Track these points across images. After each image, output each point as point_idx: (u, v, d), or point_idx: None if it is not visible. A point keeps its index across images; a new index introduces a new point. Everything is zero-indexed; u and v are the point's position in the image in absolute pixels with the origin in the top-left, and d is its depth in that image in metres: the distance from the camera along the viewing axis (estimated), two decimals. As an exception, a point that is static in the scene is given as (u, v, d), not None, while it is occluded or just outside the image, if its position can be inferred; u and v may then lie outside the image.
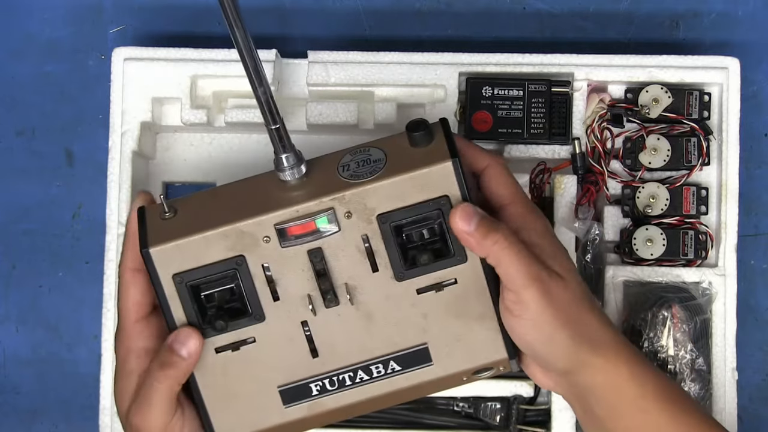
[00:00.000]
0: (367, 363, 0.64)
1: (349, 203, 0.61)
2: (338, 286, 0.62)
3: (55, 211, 0.85)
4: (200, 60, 0.79)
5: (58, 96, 0.85)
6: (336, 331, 0.63)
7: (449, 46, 0.80)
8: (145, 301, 0.63)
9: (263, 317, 0.63)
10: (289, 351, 0.63)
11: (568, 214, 0.78)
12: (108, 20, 0.85)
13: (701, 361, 0.76)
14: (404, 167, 0.61)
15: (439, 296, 0.63)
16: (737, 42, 0.85)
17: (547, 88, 0.78)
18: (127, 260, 0.63)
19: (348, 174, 0.62)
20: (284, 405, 0.65)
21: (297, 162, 0.62)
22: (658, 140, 0.78)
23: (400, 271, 0.62)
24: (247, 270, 0.62)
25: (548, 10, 0.85)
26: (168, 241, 0.61)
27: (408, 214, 0.61)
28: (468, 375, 0.65)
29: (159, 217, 0.63)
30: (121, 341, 0.64)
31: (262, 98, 0.59)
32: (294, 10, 0.85)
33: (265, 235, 0.61)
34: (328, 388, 0.64)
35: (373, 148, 0.63)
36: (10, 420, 0.84)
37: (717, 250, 0.78)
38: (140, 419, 0.61)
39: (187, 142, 0.83)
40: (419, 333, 0.64)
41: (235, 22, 0.57)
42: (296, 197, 0.61)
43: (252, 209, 0.61)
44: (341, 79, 0.79)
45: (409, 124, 0.62)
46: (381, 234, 0.62)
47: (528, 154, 0.79)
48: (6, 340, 0.84)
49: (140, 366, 0.63)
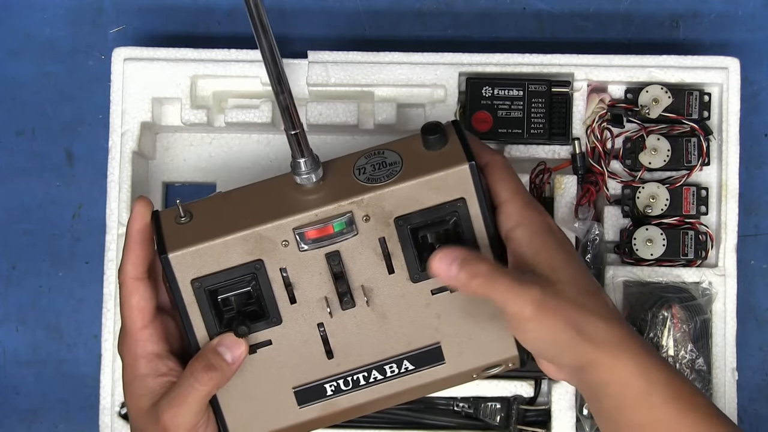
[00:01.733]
0: (381, 363, 0.65)
1: (368, 206, 0.61)
2: (355, 289, 0.63)
3: (55, 211, 0.85)
4: (200, 60, 0.79)
5: (58, 96, 0.85)
6: (351, 332, 0.64)
7: (449, 46, 0.80)
8: (149, 306, 0.64)
9: (280, 320, 0.63)
10: (304, 353, 0.64)
11: (568, 214, 0.78)
12: (108, 20, 0.86)
13: (701, 361, 0.76)
14: (421, 170, 0.61)
15: (452, 297, 0.64)
16: (737, 42, 0.85)
17: (547, 88, 0.78)
18: (128, 268, 0.63)
19: (365, 177, 0.62)
20: (299, 405, 0.65)
21: (314, 166, 0.62)
22: (658, 140, 0.78)
23: (415, 272, 0.63)
24: (266, 274, 0.62)
25: (548, 10, 0.85)
26: (187, 246, 0.61)
27: (425, 216, 0.62)
28: (478, 372, 0.66)
29: (174, 221, 0.63)
30: (128, 346, 0.64)
31: (283, 104, 0.60)
32: (294, 10, 0.85)
33: (283, 239, 0.61)
34: (343, 389, 0.65)
35: (388, 151, 0.63)
36: (10, 420, 0.84)
37: (717, 250, 0.78)
38: (170, 417, 0.61)
39: (187, 142, 0.83)
40: (432, 332, 0.64)
41: (261, 27, 0.57)
42: (314, 201, 0.62)
43: (270, 213, 0.62)
44: (341, 79, 0.79)
45: (424, 128, 0.62)
46: (398, 236, 0.62)
47: (528, 154, 0.79)
48: (6, 340, 0.84)
49: (153, 369, 0.63)
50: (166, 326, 0.64)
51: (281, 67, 0.59)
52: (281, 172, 0.82)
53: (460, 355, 0.65)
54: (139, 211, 0.64)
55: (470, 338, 0.64)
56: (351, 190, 0.62)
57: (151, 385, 0.63)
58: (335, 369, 0.64)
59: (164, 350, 0.64)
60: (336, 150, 0.82)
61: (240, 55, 0.79)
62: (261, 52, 0.58)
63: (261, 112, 0.79)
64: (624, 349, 0.60)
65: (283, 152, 0.82)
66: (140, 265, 0.63)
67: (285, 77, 0.59)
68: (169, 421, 0.61)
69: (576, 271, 0.62)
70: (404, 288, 0.63)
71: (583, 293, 0.61)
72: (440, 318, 0.64)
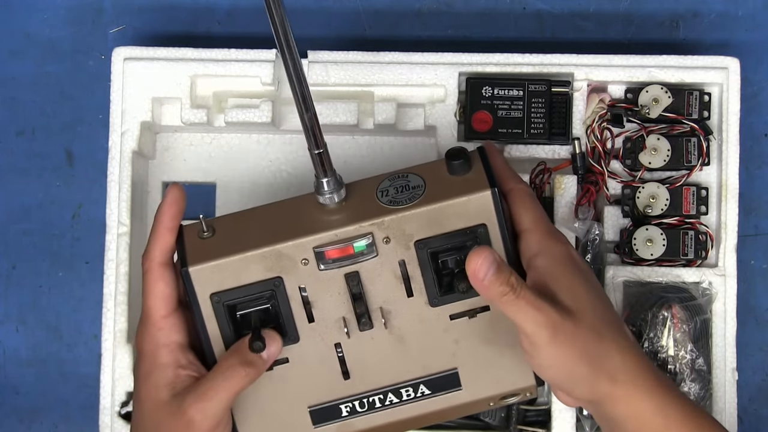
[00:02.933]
0: (398, 386, 0.65)
1: (388, 229, 0.62)
2: (373, 310, 0.63)
3: (55, 211, 0.85)
4: (200, 60, 0.79)
5: (58, 96, 0.85)
6: (368, 354, 0.64)
7: (449, 46, 0.80)
8: (174, 295, 0.63)
9: (298, 338, 0.63)
10: (321, 372, 0.64)
11: (568, 214, 0.78)
12: (108, 20, 0.86)
13: (701, 361, 0.76)
14: (443, 195, 0.62)
15: (471, 323, 0.64)
16: (737, 42, 0.85)
17: (547, 88, 0.78)
18: (155, 254, 0.63)
19: (387, 200, 0.62)
20: (314, 425, 0.65)
21: (337, 186, 0.62)
22: (658, 140, 0.78)
23: (434, 297, 0.63)
24: (284, 291, 0.62)
25: (548, 10, 0.85)
26: (207, 260, 0.61)
27: (446, 241, 0.62)
28: (495, 400, 0.66)
29: (197, 236, 0.63)
30: (150, 335, 0.63)
31: (308, 123, 0.60)
32: (294, 10, 0.85)
33: (303, 257, 0.62)
34: (358, 410, 0.65)
35: (412, 175, 0.63)
36: (10, 420, 0.84)
37: (717, 250, 0.78)
38: (198, 410, 0.60)
39: (187, 142, 0.83)
40: (450, 358, 0.64)
41: (288, 50, 0.58)
42: (335, 221, 0.62)
43: (291, 231, 0.62)
44: (341, 79, 0.79)
45: (448, 153, 0.63)
46: (418, 260, 0.62)
47: (528, 154, 0.79)
48: (6, 340, 0.84)
49: (175, 359, 0.62)
50: (187, 318, 0.64)
51: (306, 86, 0.59)
52: (281, 172, 0.82)
53: (477, 381, 0.65)
54: (174, 197, 0.64)
55: (488, 365, 0.64)
56: (372, 211, 0.62)
57: (171, 377, 0.62)
58: (351, 390, 0.64)
59: (186, 341, 0.63)
60: (336, 150, 0.82)
61: (240, 54, 0.79)
62: (287, 73, 0.59)
63: (261, 112, 0.79)
64: (640, 383, 0.59)
65: (284, 152, 0.82)
66: (168, 251, 0.63)
67: (310, 97, 0.60)
68: (196, 414, 0.60)
69: (596, 300, 0.61)
70: (423, 312, 0.63)
71: (602, 322, 0.60)
72: (458, 344, 0.64)
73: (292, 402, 0.64)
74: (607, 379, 0.59)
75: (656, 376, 0.60)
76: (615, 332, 0.61)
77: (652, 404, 0.59)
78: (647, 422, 0.59)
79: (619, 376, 0.59)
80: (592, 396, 0.60)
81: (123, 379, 0.77)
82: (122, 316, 0.77)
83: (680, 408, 0.60)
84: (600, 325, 0.60)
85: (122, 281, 0.77)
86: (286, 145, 0.82)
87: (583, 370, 0.59)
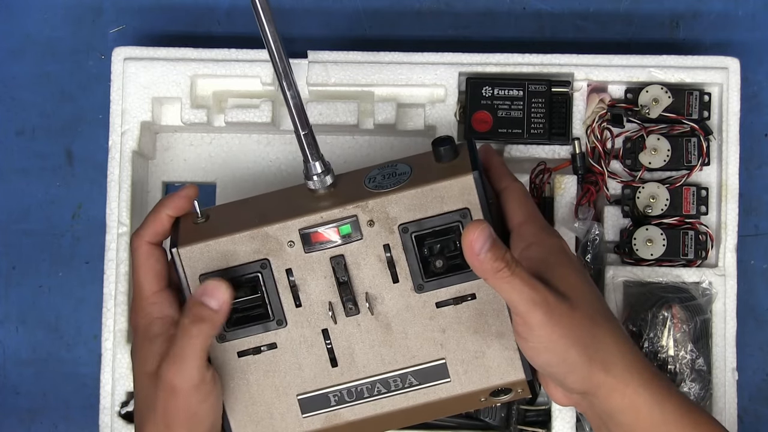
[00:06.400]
0: (385, 376, 0.65)
1: (372, 212, 0.62)
2: (359, 295, 0.63)
3: (55, 211, 0.85)
4: (200, 60, 0.79)
5: (58, 96, 0.85)
6: (355, 340, 0.64)
7: (449, 46, 0.80)
8: (164, 271, 0.64)
9: (285, 322, 0.64)
10: (309, 359, 0.64)
11: (568, 214, 0.78)
12: (108, 20, 0.86)
13: (701, 361, 0.76)
14: (427, 179, 0.62)
15: (458, 310, 0.64)
16: (737, 42, 0.85)
17: (547, 88, 0.78)
18: (147, 234, 0.64)
19: (373, 185, 0.63)
20: (302, 414, 0.65)
21: (325, 171, 0.63)
22: (658, 140, 0.78)
23: (419, 282, 0.63)
24: (271, 273, 0.63)
25: (548, 10, 0.85)
26: (197, 241, 0.63)
27: (428, 224, 0.62)
28: (486, 395, 0.65)
29: (192, 222, 0.65)
30: (142, 309, 0.63)
31: (291, 102, 0.61)
32: (294, 10, 0.85)
33: (289, 239, 0.63)
34: (346, 399, 0.65)
35: (400, 163, 0.64)
36: (10, 420, 0.84)
37: (717, 250, 0.78)
38: (174, 373, 0.60)
39: (187, 142, 0.83)
40: (437, 348, 0.64)
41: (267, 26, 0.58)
42: (322, 206, 0.63)
43: (278, 215, 0.63)
44: (341, 79, 0.79)
45: (435, 140, 0.63)
46: (402, 244, 0.63)
47: (528, 154, 0.79)
48: (6, 340, 0.84)
49: (167, 330, 0.62)
50: (178, 296, 0.64)
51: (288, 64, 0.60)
52: (281, 172, 0.83)
53: (465, 373, 0.64)
54: (187, 193, 0.65)
55: (476, 357, 0.64)
56: (358, 195, 0.63)
57: (159, 349, 0.62)
58: (339, 378, 0.65)
59: (178, 316, 0.63)
60: (336, 150, 0.82)
61: (240, 54, 0.79)
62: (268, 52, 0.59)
63: (261, 112, 0.79)
64: (636, 374, 0.58)
65: (284, 152, 0.82)
66: (160, 235, 0.64)
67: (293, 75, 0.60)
68: (173, 378, 0.60)
69: (591, 292, 0.61)
70: (408, 298, 0.63)
71: (597, 312, 0.60)
72: (445, 333, 0.64)
73: (281, 389, 0.65)
74: (601, 367, 0.58)
75: (652, 369, 0.59)
76: (610, 322, 0.60)
77: (648, 397, 0.58)
78: (644, 414, 0.58)
79: (613, 365, 0.58)
80: (585, 386, 0.59)
81: (123, 379, 0.77)
82: (122, 316, 0.77)
83: (678, 403, 0.59)
84: (595, 313, 0.59)
85: (122, 281, 0.78)
86: (286, 145, 0.82)
87: (576, 356, 0.58)
